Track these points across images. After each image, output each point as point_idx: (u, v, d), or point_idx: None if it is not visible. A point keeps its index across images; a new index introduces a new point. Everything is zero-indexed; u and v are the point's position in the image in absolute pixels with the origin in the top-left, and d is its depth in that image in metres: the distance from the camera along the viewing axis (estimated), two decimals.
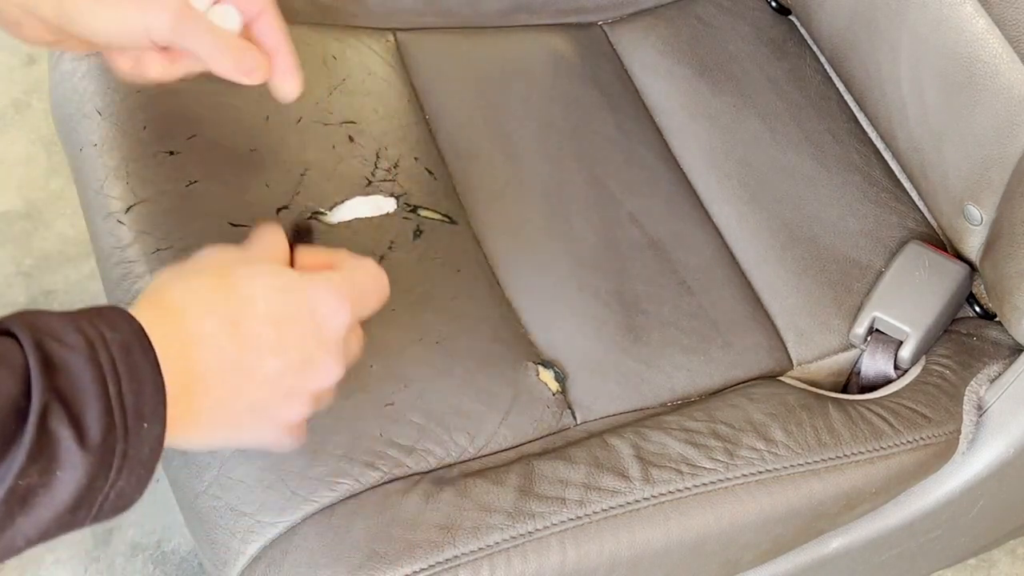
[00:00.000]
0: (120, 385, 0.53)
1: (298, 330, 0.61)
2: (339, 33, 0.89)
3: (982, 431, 0.82)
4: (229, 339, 0.59)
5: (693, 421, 0.76)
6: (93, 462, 0.52)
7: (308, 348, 0.61)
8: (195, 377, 0.57)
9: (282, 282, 0.62)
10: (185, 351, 0.57)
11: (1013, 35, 0.74)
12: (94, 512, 0.54)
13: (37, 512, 0.52)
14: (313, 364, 0.61)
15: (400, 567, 0.67)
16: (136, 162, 0.79)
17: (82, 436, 0.51)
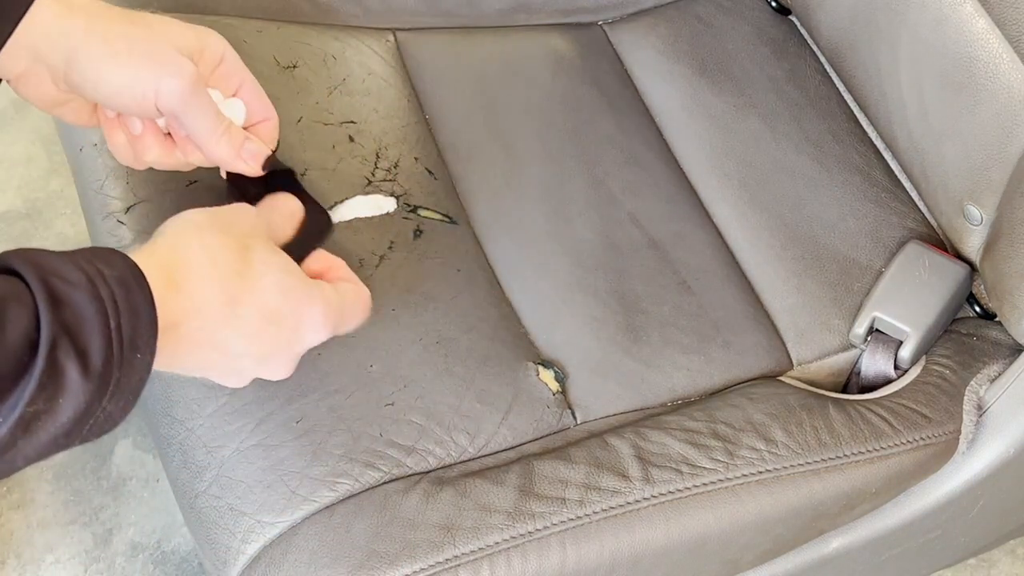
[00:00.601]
0: (119, 318, 0.56)
1: (278, 332, 0.64)
2: (339, 33, 0.89)
3: (982, 431, 0.82)
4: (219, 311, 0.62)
5: (693, 421, 0.76)
6: (92, 390, 0.55)
7: (275, 349, 0.65)
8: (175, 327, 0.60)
9: (290, 283, 0.65)
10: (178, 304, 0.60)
11: (1013, 35, 0.74)
12: (83, 434, 0.57)
13: (37, 436, 0.55)
14: (268, 363, 0.65)
15: (400, 567, 0.67)
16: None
17: (85, 366, 0.55)
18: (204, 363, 0.64)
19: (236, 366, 0.65)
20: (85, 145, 0.82)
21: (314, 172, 0.81)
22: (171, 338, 0.60)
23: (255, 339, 0.64)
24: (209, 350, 0.63)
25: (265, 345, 0.64)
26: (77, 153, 0.83)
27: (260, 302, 0.64)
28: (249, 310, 0.63)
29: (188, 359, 0.63)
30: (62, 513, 1.19)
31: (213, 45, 0.70)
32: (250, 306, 0.63)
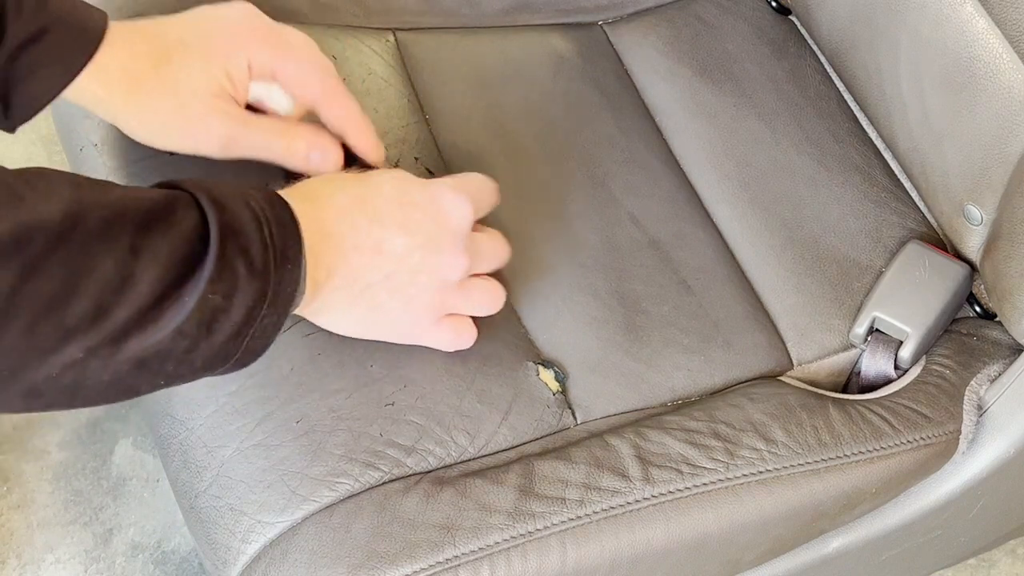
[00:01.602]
0: (270, 227, 0.60)
1: (421, 214, 0.69)
2: (339, 33, 0.89)
3: (982, 431, 0.82)
4: (359, 211, 0.67)
5: (693, 421, 0.76)
6: (257, 288, 0.59)
7: (432, 232, 0.69)
8: (329, 236, 0.65)
9: (407, 177, 0.70)
10: (319, 214, 0.65)
11: (1013, 35, 0.74)
12: (244, 345, 0.61)
13: (215, 335, 0.59)
14: (439, 248, 0.69)
15: (400, 567, 0.67)
16: (136, 162, 0.79)
17: (250, 264, 0.59)
18: (381, 283, 0.68)
19: (411, 265, 0.68)
20: (85, 145, 0.82)
21: None
22: (328, 260, 0.65)
23: (405, 227, 0.68)
24: (373, 256, 0.67)
25: (418, 230, 0.68)
26: (77, 153, 0.83)
27: (388, 192, 0.68)
28: (381, 201, 0.68)
29: (357, 284, 0.67)
30: (62, 513, 1.19)
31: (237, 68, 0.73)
32: (380, 197, 0.68)
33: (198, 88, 0.72)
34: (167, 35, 0.73)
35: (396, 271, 0.68)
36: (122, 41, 0.71)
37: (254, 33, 0.74)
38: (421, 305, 0.70)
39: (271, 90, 0.76)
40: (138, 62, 0.71)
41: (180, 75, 0.72)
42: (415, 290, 0.69)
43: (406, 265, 0.68)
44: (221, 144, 0.74)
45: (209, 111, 0.73)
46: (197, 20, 0.74)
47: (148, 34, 0.73)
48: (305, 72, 0.75)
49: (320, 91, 0.76)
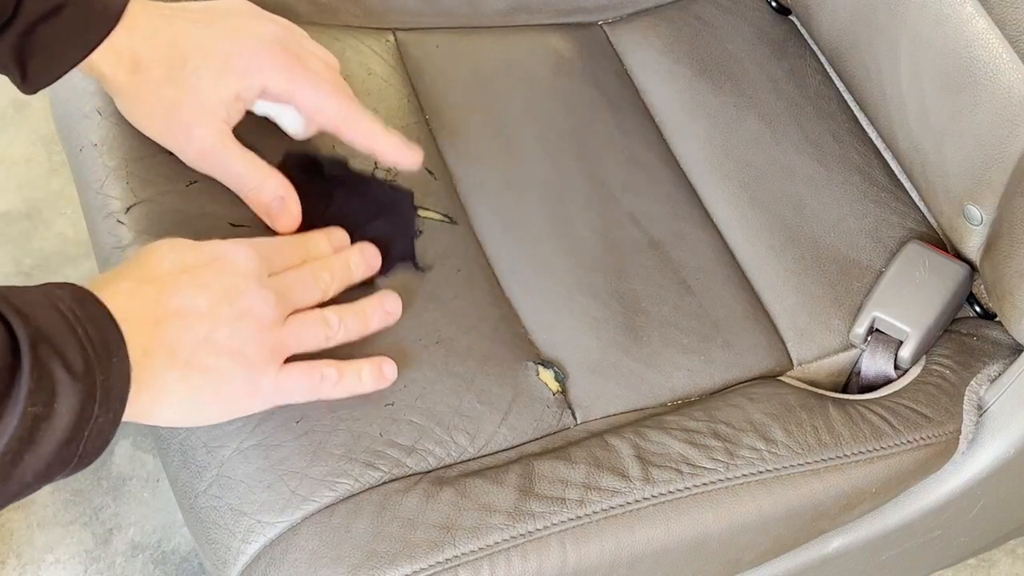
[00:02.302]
0: (84, 326, 0.58)
1: (207, 270, 0.66)
2: (339, 33, 0.89)
3: (982, 431, 0.82)
4: (147, 289, 0.64)
5: (693, 421, 0.76)
6: (82, 390, 0.57)
7: (226, 281, 0.66)
8: (126, 320, 0.62)
9: (179, 244, 0.68)
10: (115, 301, 0.62)
11: (1013, 35, 0.74)
12: (81, 448, 0.59)
13: (41, 445, 0.57)
14: (240, 291, 0.66)
15: (400, 567, 0.67)
16: (136, 162, 0.79)
17: (69, 367, 0.57)
18: (203, 346, 0.65)
19: (223, 318, 0.65)
20: (85, 145, 0.82)
21: None
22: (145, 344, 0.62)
23: (199, 285, 0.65)
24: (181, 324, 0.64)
25: (212, 283, 0.65)
26: (77, 153, 0.83)
27: (167, 265, 0.66)
28: (164, 273, 0.65)
29: (179, 357, 0.64)
30: (62, 513, 1.19)
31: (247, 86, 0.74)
32: (160, 271, 0.65)
33: (201, 95, 0.73)
34: (192, 35, 0.73)
35: (211, 330, 0.65)
36: (144, 28, 0.72)
37: (276, 59, 0.74)
38: (252, 354, 0.66)
39: (285, 111, 0.76)
40: (152, 53, 0.72)
41: (189, 78, 0.73)
42: (239, 341, 0.66)
43: (218, 320, 0.65)
44: (197, 154, 0.75)
45: (199, 119, 0.73)
46: (227, 29, 0.74)
47: (174, 29, 0.73)
48: (322, 99, 0.75)
49: (337, 116, 0.76)
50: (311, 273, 0.71)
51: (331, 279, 0.72)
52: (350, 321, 0.71)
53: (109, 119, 0.81)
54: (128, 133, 0.80)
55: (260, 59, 0.74)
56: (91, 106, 0.82)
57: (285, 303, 0.68)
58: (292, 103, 0.75)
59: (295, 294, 0.70)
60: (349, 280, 0.73)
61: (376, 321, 0.73)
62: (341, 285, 0.73)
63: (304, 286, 0.70)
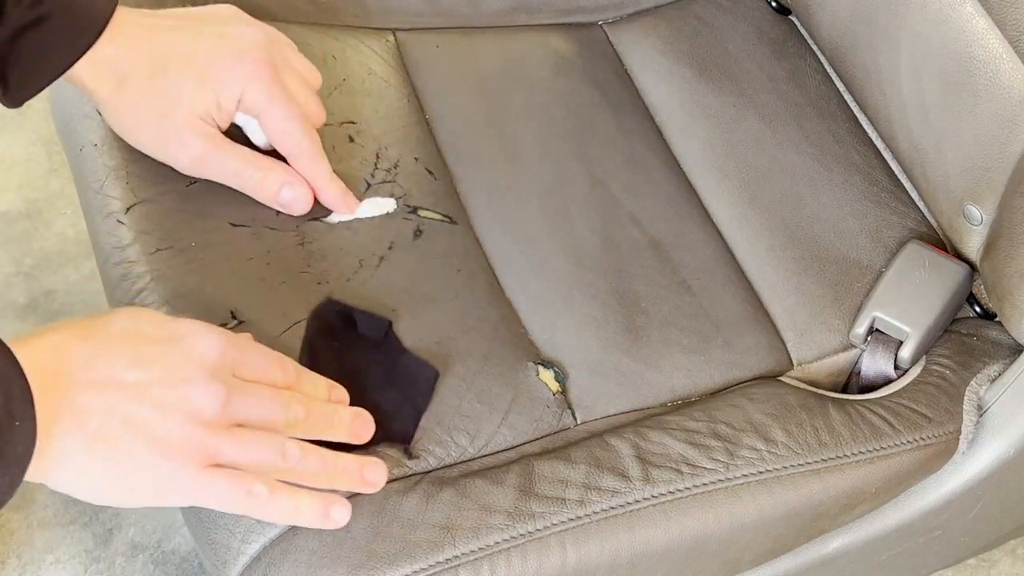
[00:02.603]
0: None
1: (156, 348, 0.61)
2: (339, 33, 0.89)
3: (982, 431, 0.82)
4: (80, 347, 0.60)
5: (693, 421, 0.76)
6: None
7: (171, 365, 0.60)
8: (49, 376, 0.58)
9: (144, 313, 0.63)
10: (37, 356, 0.58)
11: (1013, 35, 0.74)
12: None
13: None
14: (182, 380, 0.60)
15: (400, 567, 0.67)
16: (136, 162, 0.79)
17: None
18: (121, 425, 0.59)
19: (151, 402, 0.59)
20: (85, 145, 0.82)
21: None
22: (57, 405, 0.58)
23: (137, 361, 0.60)
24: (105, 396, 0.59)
25: (153, 363, 0.60)
26: (77, 153, 0.83)
27: (116, 328, 0.61)
28: (107, 337, 0.61)
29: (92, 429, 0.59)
30: (62, 513, 1.19)
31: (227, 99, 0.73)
32: (105, 334, 0.61)
33: (184, 104, 0.73)
34: (174, 43, 0.73)
35: (133, 409, 0.59)
36: (127, 38, 0.72)
37: (257, 69, 0.74)
38: (173, 447, 0.59)
39: (250, 121, 0.76)
40: (135, 64, 0.72)
41: (171, 88, 0.72)
42: (161, 429, 0.59)
43: (144, 401, 0.59)
44: (192, 161, 0.75)
45: (188, 127, 0.73)
46: (209, 36, 0.74)
47: (156, 38, 0.73)
48: (289, 124, 0.75)
49: (296, 147, 0.76)
50: (283, 398, 0.64)
51: (304, 417, 0.64)
52: (312, 463, 0.64)
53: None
54: None
55: (239, 68, 0.73)
56: (91, 106, 0.82)
57: (235, 409, 0.61)
58: (259, 119, 0.75)
59: (251, 407, 0.62)
60: (324, 432, 0.66)
61: (343, 484, 0.66)
62: (312, 431, 0.65)
63: (267, 405, 0.63)
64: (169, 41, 0.73)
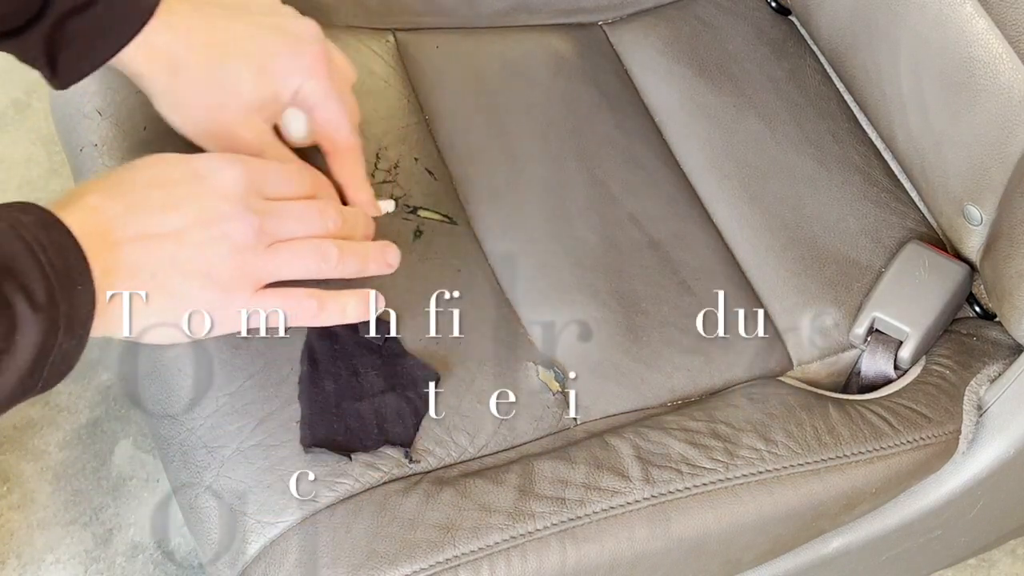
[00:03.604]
0: (47, 254, 0.58)
1: (186, 188, 0.65)
2: (339, 33, 0.89)
3: (982, 431, 0.82)
4: (115, 203, 0.63)
5: (693, 421, 0.76)
6: (44, 322, 0.57)
7: (204, 203, 0.64)
8: (102, 239, 0.61)
9: (166, 158, 0.66)
10: (82, 219, 0.61)
11: (1013, 35, 0.74)
12: (45, 375, 0.59)
13: (3, 376, 0.56)
14: (218, 215, 0.64)
15: (400, 567, 0.67)
16: None
17: (31, 300, 0.56)
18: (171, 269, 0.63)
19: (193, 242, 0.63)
20: (85, 145, 0.82)
21: None
22: (112, 261, 0.61)
23: (172, 204, 0.63)
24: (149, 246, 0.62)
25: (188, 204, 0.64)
26: (77, 153, 0.83)
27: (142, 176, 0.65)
28: (138, 187, 0.64)
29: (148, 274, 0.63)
30: (62, 513, 1.19)
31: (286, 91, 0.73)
32: (134, 184, 0.64)
33: (242, 98, 0.72)
34: (231, 33, 0.72)
35: (178, 252, 0.63)
36: (182, 26, 0.71)
37: (315, 64, 0.73)
38: (223, 277, 0.64)
39: (296, 115, 0.75)
40: (191, 53, 0.71)
41: (229, 80, 0.71)
42: (207, 265, 0.64)
43: (186, 243, 0.63)
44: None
45: (243, 123, 0.72)
46: (266, 28, 0.73)
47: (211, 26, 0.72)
48: (340, 123, 0.75)
49: (342, 143, 0.75)
50: (316, 207, 0.69)
51: (338, 220, 0.70)
52: (349, 260, 0.69)
53: (109, 119, 0.81)
54: (128, 133, 0.80)
55: (299, 62, 0.73)
56: (91, 106, 0.82)
57: (271, 230, 0.66)
58: (312, 114, 0.74)
59: (287, 223, 0.67)
60: (356, 232, 0.71)
61: (374, 267, 0.71)
62: (348, 230, 0.70)
63: (301, 218, 0.68)
64: (225, 31, 0.72)
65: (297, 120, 0.75)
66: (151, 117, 0.81)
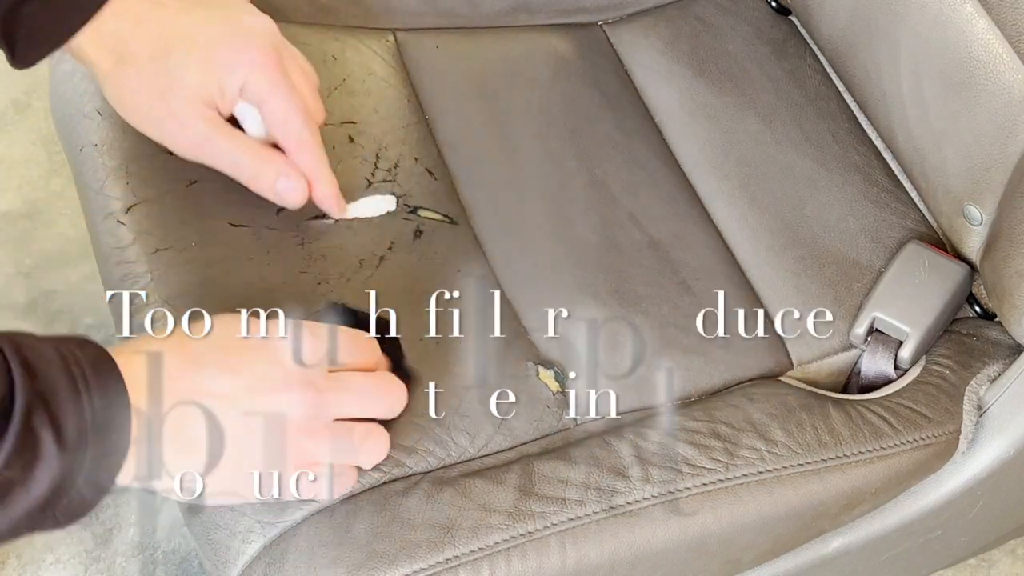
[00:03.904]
0: (91, 394, 0.56)
1: (251, 354, 0.63)
2: (339, 33, 0.89)
3: (982, 431, 0.82)
4: (175, 355, 0.62)
5: (693, 421, 0.76)
6: (67, 461, 0.55)
7: (264, 371, 0.63)
8: (150, 390, 0.60)
9: (237, 319, 0.65)
10: (135, 367, 0.60)
11: (1013, 35, 0.74)
12: (55, 514, 0.57)
13: (12, 508, 0.55)
14: (274, 386, 0.62)
15: (400, 567, 0.67)
16: (136, 162, 0.79)
17: (60, 437, 0.55)
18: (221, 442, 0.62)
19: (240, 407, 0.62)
20: (85, 145, 0.82)
21: None
22: None
23: (229, 368, 0.62)
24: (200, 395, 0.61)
25: (247, 369, 0.62)
26: (77, 153, 0.83)
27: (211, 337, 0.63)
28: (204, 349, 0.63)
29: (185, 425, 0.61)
30: None
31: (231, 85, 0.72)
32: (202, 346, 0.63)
33: (186, 87, 0.72)
34: (179, 24, 0.72)
35: (224, 416, 0.61)
36: (132, 14, 0.71)
37: (262, 57, 0.72)
38: (266, 453, 0.63)
39: (250, 111, 0.75)
40: (138, 41, 0.71)
41: (174, 70, 0.71)
42: (252, 436, 0.62)
43: (236, 408, 0.61)
44: (191, 145, 0.73)
45: (189, 110, 0.72)
46: (214, 19, 0.73)
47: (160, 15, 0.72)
48: (289, 115, 0.73)
49: (296, 138, 0.74)
50: (380, 392, 0.68)
51: (400, 406, 0.70)
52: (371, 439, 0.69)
53: (109, 119, 0.81)
54: (128, 133, 0.80)
55: (245, 54, 0.72)
56: (91, 106, 0.82)
57: (329, 410, 0.64)
58: (261, 108, 0.74)
59: (346, 404, 0.66)
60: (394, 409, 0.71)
61: None
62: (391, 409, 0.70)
63: (363, 400, 0.67)
64: (174, 21, 0.72)
65: (250, 114, 0.75)
66: None
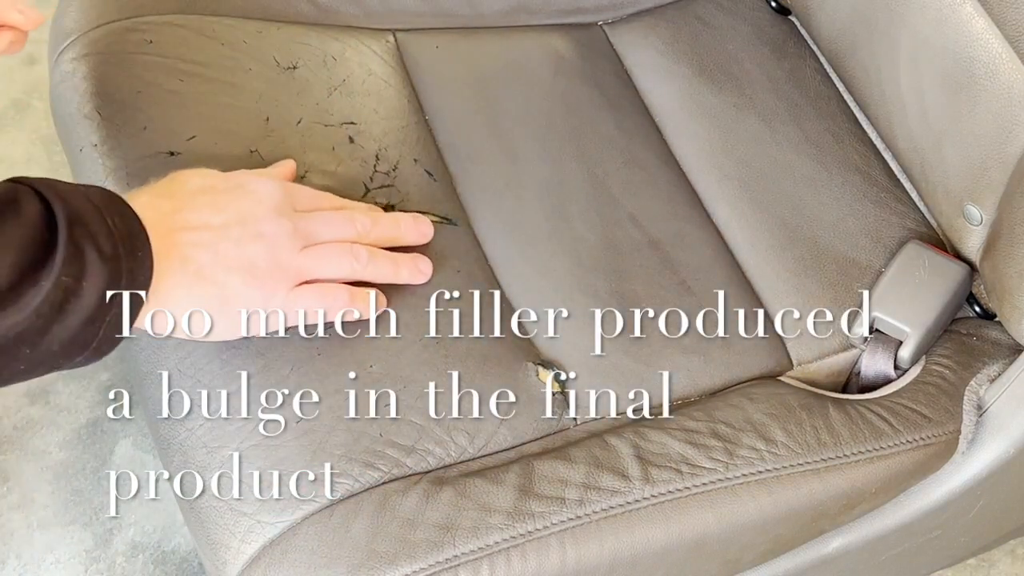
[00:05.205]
0: (113, 219, 0.63)
1: (228, 196, 0.71)
2: (339, 33, 0.89)
3: (982, 431, 0.82)
4: (165, 201, 0.69)
5: (693, 421, 0.76)
6: (109, 272, 0.62)
7: (244, 207, 0.70)
8: (153, 223, 0.66)
9: (211, 172, 0.72)
10: (139, 211, 0.66)
11: (1013, 35, 0.74)
12: (102, 330, 0.62)
13: (68, 318, 0.61)
14: (255, 217, 0.70)
15: (400, 566, 0.67)
16: (136, 162, 0.79)
17: (99, 249, 0.61)
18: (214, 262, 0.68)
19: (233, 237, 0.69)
20: (85, 145, 0.82)
21: (314, 175, 0.81)
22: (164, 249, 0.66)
23: (215, 207, 0.69)
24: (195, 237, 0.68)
25: (229, 207, 0.69)
26: (77, 153, 0.83)
27: (193, 184, 0.70)
28: (186, 193, 0.70)
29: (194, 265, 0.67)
30: (62, 513, 1.19)
31: None
32: (184, 191, 0.70)
33: None
34: None
35: (221, 245, 0.68)
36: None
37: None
38: (263, 273, 0.70)
39: None
40: None
41: None
42: (249, 260, 0.69)
43: (229, 237, 0.69)
44: None
45: None
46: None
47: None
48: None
49: None
50: (345, 214, 0.74)
51: (371, 226, 0.75)
52: (381, 262, 0.74)
53: (109, 119, 0.81)
54: (128, 133, 0.80)
55: None
56: (91, 106, 0.82)
57: (304, 232, 0.71)
58: None
59: (319, 228, 0.72)
60: (393, 237, 0.77)
61: (406, 273, 0.76)
62: (383, 236, 0.76)
63: (332, 224, 0.73)
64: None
65: None
66: (151, 117, 0.81)
